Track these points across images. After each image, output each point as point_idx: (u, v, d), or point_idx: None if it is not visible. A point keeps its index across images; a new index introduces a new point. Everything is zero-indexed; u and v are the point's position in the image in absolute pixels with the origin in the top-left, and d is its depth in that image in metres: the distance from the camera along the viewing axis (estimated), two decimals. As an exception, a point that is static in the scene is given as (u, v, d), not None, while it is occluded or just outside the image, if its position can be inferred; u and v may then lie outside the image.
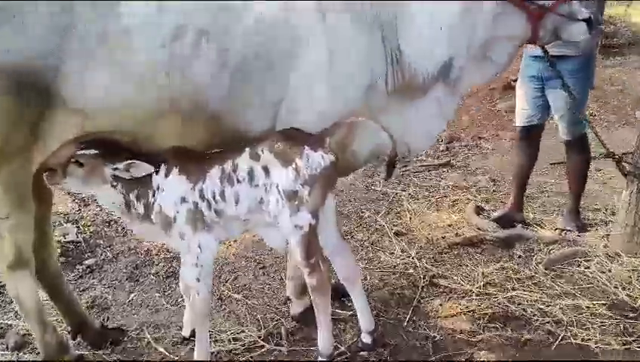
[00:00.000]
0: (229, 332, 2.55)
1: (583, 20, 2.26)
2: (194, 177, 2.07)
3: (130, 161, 2.02)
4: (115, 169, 2.03)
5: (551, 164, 4.46)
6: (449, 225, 3.60)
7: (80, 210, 3.91)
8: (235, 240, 3.38)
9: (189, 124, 2.05)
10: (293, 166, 2.01)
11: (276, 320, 2.65)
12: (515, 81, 3.49)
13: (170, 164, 2.08)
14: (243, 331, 2.56)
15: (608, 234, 3.16)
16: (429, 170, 4.66)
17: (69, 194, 3.80)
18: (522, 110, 3.31)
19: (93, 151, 2.03)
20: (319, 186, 2.04)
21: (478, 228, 3.44)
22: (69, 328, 2.47)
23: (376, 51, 2.18)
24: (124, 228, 3.61)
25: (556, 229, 3.33)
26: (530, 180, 3.68)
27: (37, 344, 2.26)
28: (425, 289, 2.84)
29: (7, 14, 1.76)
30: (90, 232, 3.62)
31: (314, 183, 2.02)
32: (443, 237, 3.43)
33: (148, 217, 2.10)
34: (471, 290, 2.77)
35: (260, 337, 2.50)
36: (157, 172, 2.07)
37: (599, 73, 5.85)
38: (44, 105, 1.86)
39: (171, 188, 2.07)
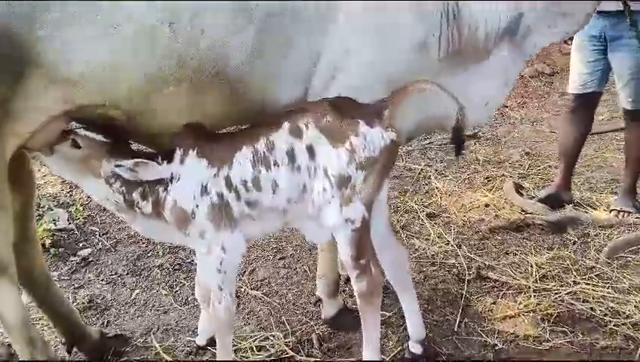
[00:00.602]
0: (251, 340, 2.18)
1: None
2: (218, 161, 1.68)
3: (138, 160, 1.62)
4: (118, 166, 1.62)
5: (590, 134, 4.05)
6: (486, 206, 3.22)
7: (71, 191, 3.48)
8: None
9: (201, 93, 1.63)
10: (347, 145, 1.60)
11: (304, 324, 2.28)
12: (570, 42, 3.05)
13: (187, 146, 1.67)
14: (267, 337, 2.20)
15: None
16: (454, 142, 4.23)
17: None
18: (579, 75, 2.89)
19: (99, 137, 1.62)
20: (378, 171, 1.65)
21: (522, 210, 3.05)
22: (63, 340, 2.09)
23: (431, 3, 1.76)
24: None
25: (612, 211, 2.95)
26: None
27: None
28: (472, 284, 2.47)
29: None
30: (84, 218, 3.21)
31: (372, 167, 1.62)
32: (481, 220, 3.06)
33: (158, 215, 1.70)
34: (527, 285, 2.41)
35: (288, 345, 2.14)
36: (170, 160, 1.66)
37: None
38: (17, 77, 1.46)
39: (189, 177, 1.67)
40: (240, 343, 2.15)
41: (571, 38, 2.98)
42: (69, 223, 3.15)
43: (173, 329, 2.31)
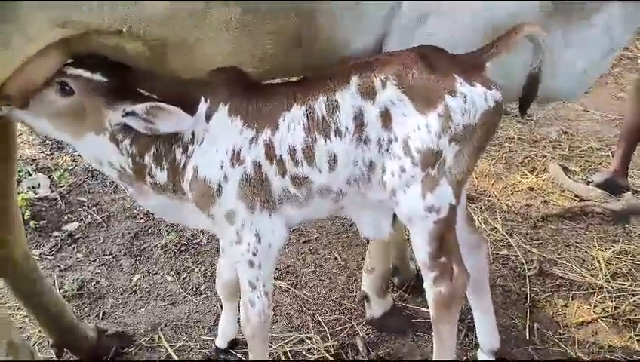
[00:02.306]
0: (283, 342, 1.80)
1: None
2: (258, 121, 1.28)
3: (154, 103, 1.20)
4: (129, 114, 1.19)
5: None
6: (530, 189, 2.87)
7: (52, 154, 2.99)
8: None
9: (258, 25, 1.23)
10: (440, 110, 1.20)
11: (344, 324, 1.91)
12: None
13: (216, 98, 1.28)
14: (302, 340, 1.82)
15: None
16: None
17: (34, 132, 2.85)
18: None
19: (97, 76, 1.18)
20: (475, 145, 1.26)
21: (576, 196, 2.71)
22: (52, 341, 1.67)
23: None
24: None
25: (676, 199, 2.64)
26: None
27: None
28: (534, 281, 2.13)
29: None
30: (69, 185, 2.75)
31: (469, 139, 1.23)
32: (529, 206, 2.71)
33: (174, 187, 1.29)
34: (598, 284, 2.07)
35: (328, 350, 1.76)
36: (193, 112, 1.24)
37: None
38: None
39: (217, 139, 1.30)
40: (271, 344, 1.77)
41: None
42: (52, 191, 2.68)
43: (185, 325, 1.93)
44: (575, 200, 2.71)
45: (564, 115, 3.98)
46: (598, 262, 2.23)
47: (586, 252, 2.32)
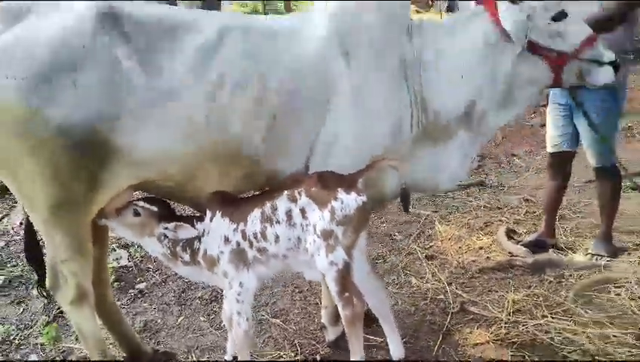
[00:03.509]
0: (268, 357, 2.74)
1: (609, 63, 2.28)
2: (236, 219, 2.27)
3: (178, 223, 2.25)
4: (166, 228, 2.25)
5: (585, 181, 4.46)
6: (480, 248, 3.68)
7: (130, 234, 4.20)
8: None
9: (227, 166, 2.21)
10: (329, 208, 2.17)
11: (312, 346, 2.82)
12: (545, 106, 3.53)
13: (213, 209, 2.28)
14: (281, 356, 2.74)
15: (641, 259, 3.18)
16: (461, 190, 4.73)
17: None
18: (551, 136, 3.37)
19: (152, 208, 2.26)
20: (353, 226, 2.20)
21: (509, 253, 3.50)
22: (124, 354, 2.72)
23: (402, 95, 2.31)
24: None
25: (587, 254, 3.36)
26: (564, 199, 3.71)
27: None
28: (455, 316, 2.94)
29: (69, 81, 1.94)
30: (141, 257, 3.90)
31: (348, 224, 2.18)
32: (474, 261, 3.51)
33: (194, 261, 2.31)
34: (501, 318, 2.85)
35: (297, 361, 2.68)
36: (201, 219, 2.28)
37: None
38: (102, 159, 2.06)
39: (215, 231, 2.27)
40: (258, 359, 2.71)
41: (546, 104, 3.47)
42: (129, 261, 3.85)
43: (209, 348, 2.90)
44: (508, 256, 3.50)
45: (534, 184, 4.76)
46: (508, 302, 3.01)
47: (502, 295, 3.09)
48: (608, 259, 3.27)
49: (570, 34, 2.22)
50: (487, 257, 3.54)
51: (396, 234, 4.01)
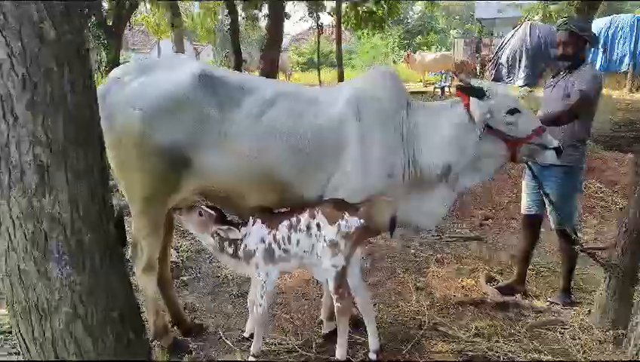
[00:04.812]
0: (276, 340, 3.55)
1: (553, 149, 3.13)
2: (270, 226, 3.16)
3: (228, 227, 3.14)
4: (219, 229, 3.16)
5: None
6: (462, 287, 4.41)
7: (179, 240, 5.17)
8: (290, 277, 4.43)
9: (265, 188, 3.13)
10: (336, 225, 3.04)
11: (310, 335, 3.62)
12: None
13: (256, 217, 3.19)
14: (286, 340, 3.55)
15: (590, 311, 3.84)
16: (460, 241, 5.49)
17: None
18: (524, 201, 4.13)
19: (212, 212, 3.18)
20: (352, 241, 3.05)
21: (484, 293, 4.23)
22: (170, 319, 3.60)
23: (398, 152, 3.19)
24: (209, 257, 4.79)
25: (547, 301, 4.05)
26: (544, 261, 4.43)
27: (149, 325, 3.38)
28: (426, 332, 3.68)
29: (173, 118, 3.00)
30: (187, 256, 4.84)
31: (348, 238, 3.04)
32: (454, 296, 4.25)
33: (236, 255, 3.19)
34: (462, 338, 3.58)
35: (297, 345, 3.48)
36: (245, 225, 3.18)
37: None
38: (183, 171, 3.03)
39: (255, 233, 3.14)
40: (268, 340, 3.53)
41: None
42: (177, 258, 4.79)
43: (232, 327, 3.73)
44: (483, 295, 4.22)
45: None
46: (471, 327, 3.72)
47: (468, 322, 3.79)
48: (563, 307, 3.94)
49: (522, 125, 3.08)
50: (466, 294, 4.27)
51: (396, 268, 4.79)
